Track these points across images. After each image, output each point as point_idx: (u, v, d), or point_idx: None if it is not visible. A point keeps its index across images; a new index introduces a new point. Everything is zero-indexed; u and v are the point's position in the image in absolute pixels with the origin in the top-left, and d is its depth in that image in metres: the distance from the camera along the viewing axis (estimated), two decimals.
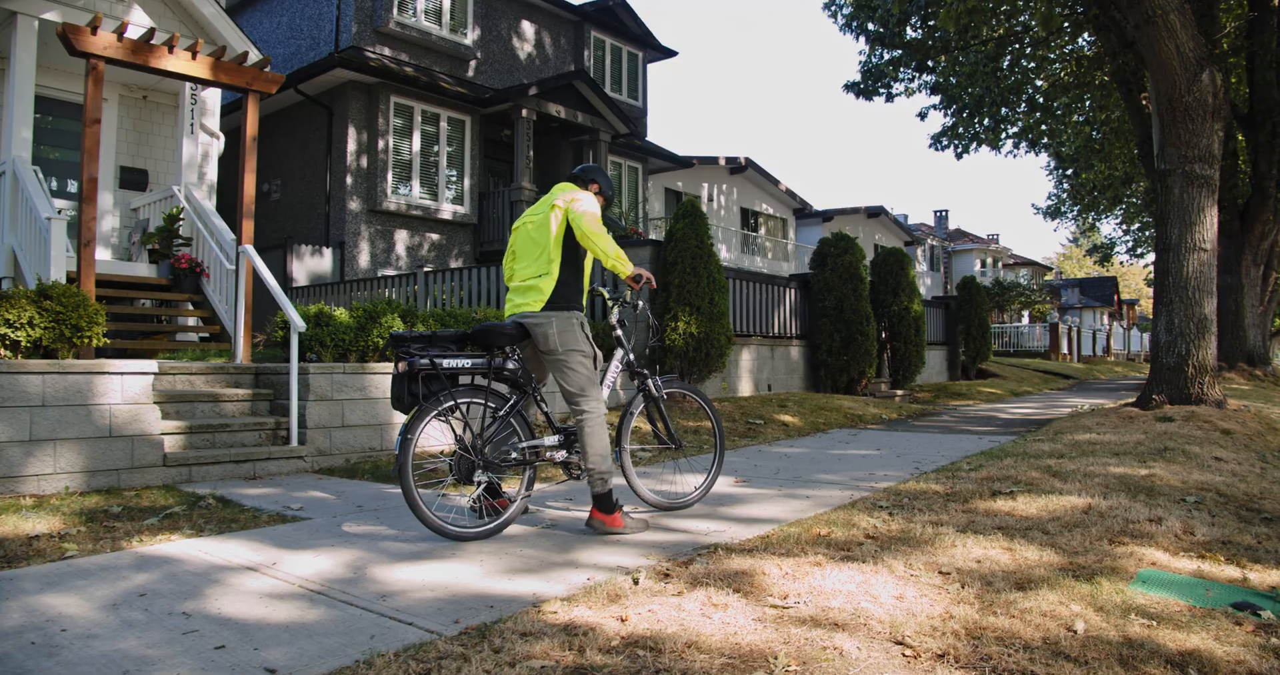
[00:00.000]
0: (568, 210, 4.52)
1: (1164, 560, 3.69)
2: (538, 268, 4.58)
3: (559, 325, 4.48)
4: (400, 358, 4.24)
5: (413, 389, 4.23)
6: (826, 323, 12.93)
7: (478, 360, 4.40)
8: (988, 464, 6.09)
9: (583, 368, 4.51)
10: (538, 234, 4.63)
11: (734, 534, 4.18)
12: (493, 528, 4.27)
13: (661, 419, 5.10)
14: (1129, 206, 31.93)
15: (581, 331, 4.54)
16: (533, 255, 4.63)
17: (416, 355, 4.22)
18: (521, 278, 4.67)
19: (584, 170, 4.96)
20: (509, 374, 4.51)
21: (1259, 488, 5.41)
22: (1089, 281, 62.95)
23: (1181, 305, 8.88)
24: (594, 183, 4.92)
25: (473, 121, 17.47)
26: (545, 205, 4.66)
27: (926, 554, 3.64)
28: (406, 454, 4.06)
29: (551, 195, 4.67)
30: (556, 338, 4.47)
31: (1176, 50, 8.71)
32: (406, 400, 4.24)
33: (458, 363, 4.31)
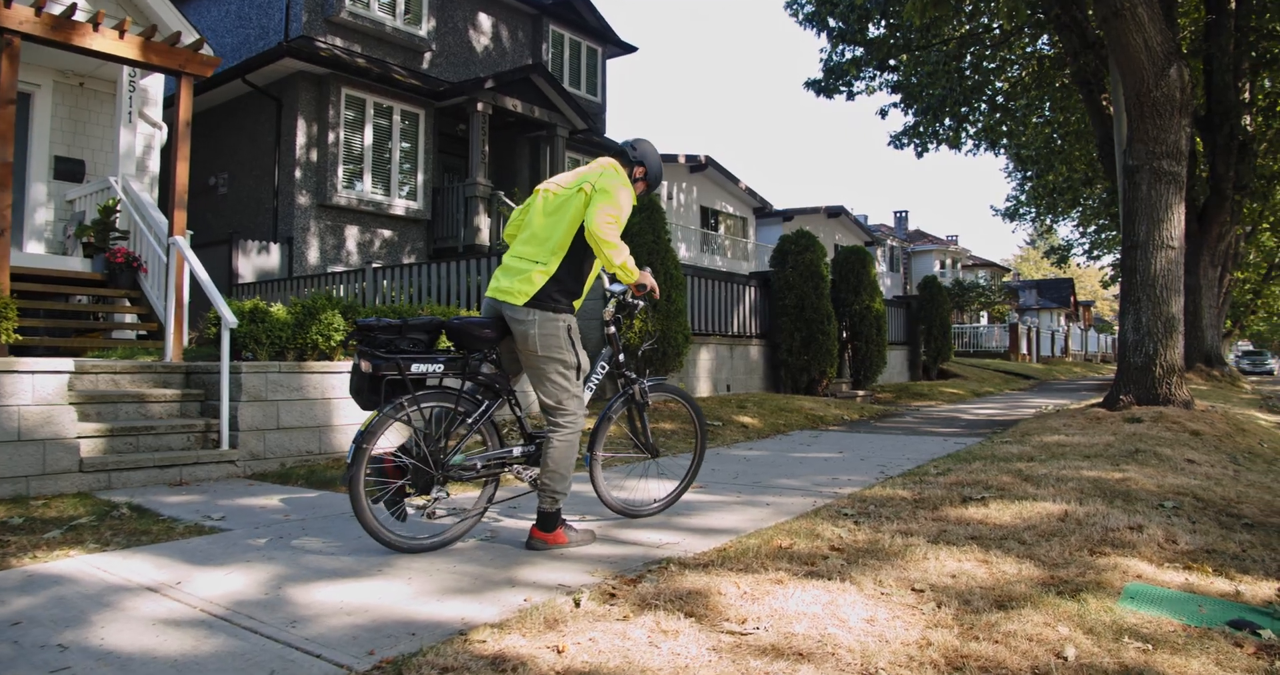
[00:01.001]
0: (590, 200, 3.96)
1: (1150, 572, 3.43)
2: (537, 252, 4.01)
3: (541, 328, 3.92)
4: (364, 355, 3.79)
5: (375, 387, 3.82)
6: (787, 322, 12.67)
7: (451, 363, 3.94)
8: (956, 468, 5.82)
9: (561, 378, 4.00)
10: (554, 211, 4.05)
11: (689, 546, 3.86)
12: (445, 539, 3.93)
13: (641, 425, 4.71)
14: (1086, 209, 32.14)
15: (567, 337, 3.99)
16: (540, 234, 4.04)
17: (382, 357, 3.77)
18: (517, 253, 4.08)
19: (635, 145, 4.37)
20: (483, 377, 4.06)
21: (1235, 491, 5.20)
22: (1046, 283, 63.57)
23: (1149, 304, 8.70)
24: (640, 165, 4.35)
25: (427, 115, 17.03)
26: (575, 183, 4.07)
27: (897, 568, 3.34)
28: (359, 465, 3.67)
29: (587, 172, 4.11)
30: (537, 340, 3.92)
31: (1144, 44, 8.53)
32: (367, 397, 3.84)
33: (428, 368, 3.87)
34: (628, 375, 4.65)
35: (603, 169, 4.12)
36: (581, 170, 4.19)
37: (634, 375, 4.67)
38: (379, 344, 3.84)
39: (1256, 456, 6.99)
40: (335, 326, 7.32)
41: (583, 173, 4.14)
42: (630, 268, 3.99)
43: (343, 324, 7.40)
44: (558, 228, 4.00)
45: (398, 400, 3.78)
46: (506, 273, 4.04)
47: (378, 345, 3.84)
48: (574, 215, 3.99)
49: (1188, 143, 8.98)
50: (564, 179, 4.18)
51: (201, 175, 17.20)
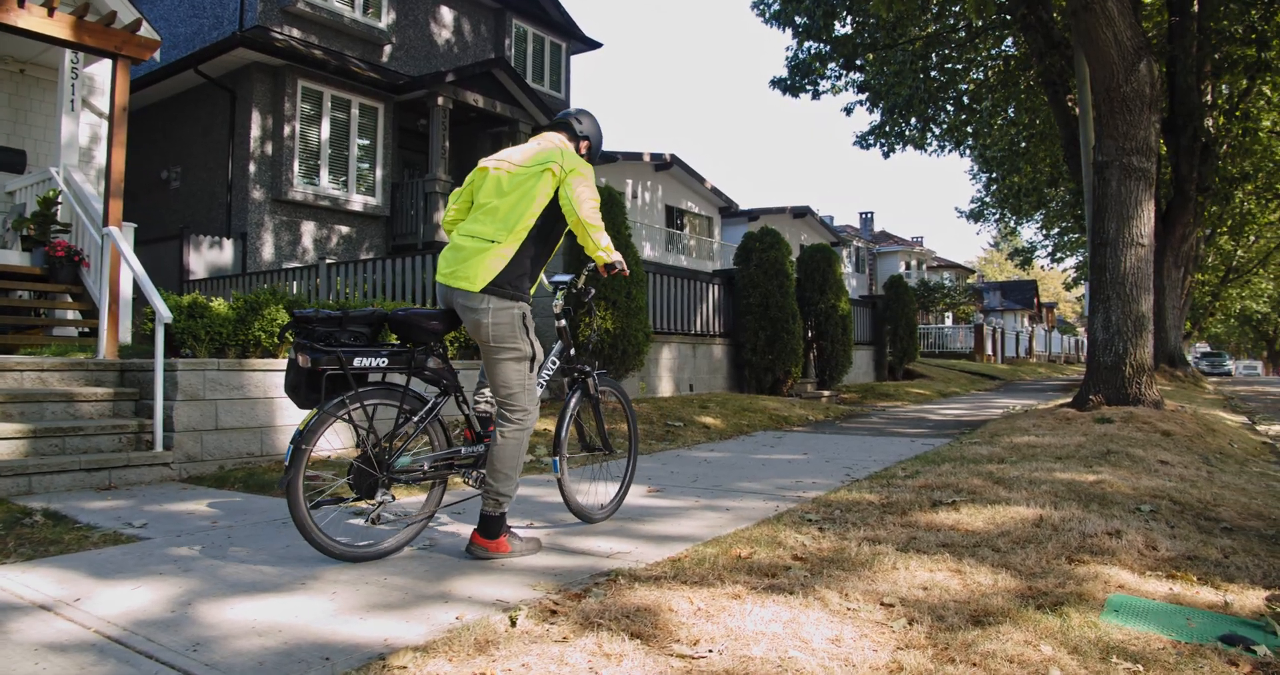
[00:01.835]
0: (563, 183, 3.72)
1: (1132, 582, 3.21)
2: (496, 231, 3.67)
3: (495, 317, 3.63)
4: (301, 348, 3.50)
5: (314, 384, 3.54)
6: (751, 320, 12.44)
7: (395, 356, 3.67)
8: (924, 470, 5.60)
9: (515, 371, 3.71)
10: (512, 190, 3.71)
11: (641, 555, 3.59)
12: (390, 547, 3.67)
13: (596, 420, 4.53)
14: (1049, 211, 32.27)
15: (522, 325, 3.70)
16: (500, 212, 3.69)
17: (321, 350, 3.50)
18: (470, 232, 3.73)
19: (579, 117, 4.12)
20: (430, 373, 3.79)
21: (1210, 494, 5.02)
22: (1010, 285, 64.00)
23: (1119, 302, 8.55)
24: (586, 140, 4.13)
25: (386, 109, 16.65)
26: (536, 162, 3.75)
27: (864, 580, 3.10)
28: (298, 467, 3.40)
29: (544, 152, 3.81)
30: (489, 330, 3.64)
31: (1114, 38, 8.38)
32: (304, 394, 3.56)
33: (371, 362, 3.59)
34: (582, 369, 4.45)
35: (561, 149, 3.85)
36: (533, 149, 3.88)
37: (588, 368, 4.46)
38: (318, 337, 3.56)
39: (1228, 457, 6.83)
40: (279, 322, 6.99)
41: (538, 152, 3.83)
42: (612, 249, 3.83)
43: (287, 320, 7.07)
44: (519, 207, 3.69)
45: (339, 397, 3.52)
46: (459, 254, 3.72)
47: (316, 338, 3.56)
48: (539, 197, 3.71)
49: (1157, 139, 8.85)
50: (515, 157, 3.86)
51: (153, 168, 16.73)
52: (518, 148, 3.96)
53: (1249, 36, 16.45)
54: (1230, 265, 46.30)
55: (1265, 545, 4.02)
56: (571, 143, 4.06)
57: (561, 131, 4.08)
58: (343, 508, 3.93)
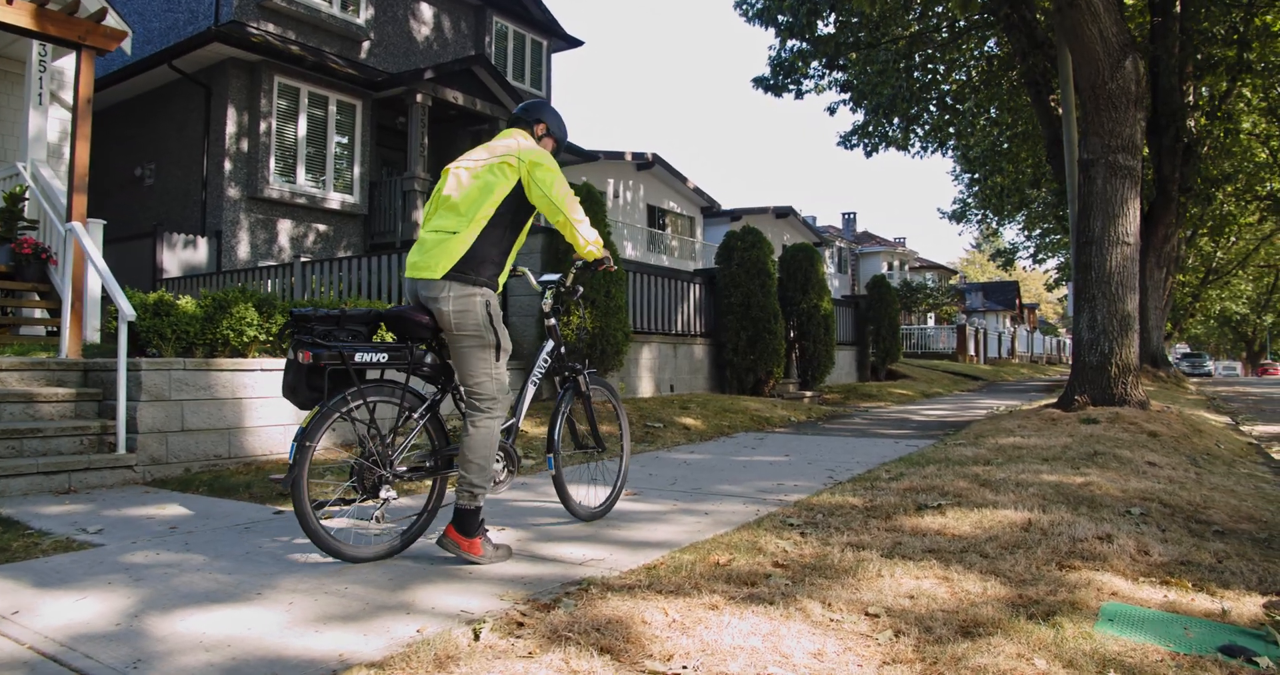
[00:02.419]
0: (530, 173, 3.70)
1: (1126, 589, 3.09)
2: (455, 223, 3.67)
3: (457, 303, 3.57)
4: (302, 345, 3.45)
5: (314, 382, 3.50)
6: (733, 320, 12.31)
7: (395, 353, 3.63)
8: (909, 472, 5.47)
9: (480, 360, 3.64)
10: (472, 183, 3.71)
11: (615, 563, 3.43)
12: (396, 546, 3.64)
13: (589, 419, 4.49)
14: (1031, 212, 32.30)
15: (485, 312, 3.62)
16: (460, 206, 3.69)
17: (323, 344, 3.45)
18: (433, 228, 3.73)
19: (527, 109, 4.11)
20: (428, 369, 3.76)
21: (1200, 496, 4.91)
22: (991, 286, 64.17)
23: (1105, 301, 8.45)
24: (541, 122, 4.09)
25: (364, 106, 16.44)
26: (496, 156, 3.75)
27: (848, 589, 2.96)
28: (303, 465, 3.36)
29: (506, 143, 3.82)
30: (451, 316, 3.58)
31: (1100, 35, 8.28)
32: (304, 394, 3.52)
33: (373, 357, 3.55)
34: (574, 367, 4.43)
35: (518, 142, 3.84)
36: (496, 145, 3.86)
37: (579, 366, 4.45)
38: (317, 335, 3.52)
39: (1215, 458, 6.74)
40: (248, 321, 6.81)
41: (500, 147, 3.82)
42: (599, 242, 3.92)
43: (256, 318, 6.89)
44: (481, 199, 3.67)
45: (342, 394, 3.48)
46: (421, 248, 3.71)
47: (315, 336, 3.51)
48: (499, 188, 3.68)
49: (1143, 137, 8.77)
50: (477, 154, 3.86)
51: (127, 165, 16.46)
52: (480, 147, 3.96)
53: (1230, 37, 16.46)
54: (1210, 266, 46.56)
55: (1258, 549, 3.91)
56: (531, 138, 4.01)
57: (519, 126, 4.06)
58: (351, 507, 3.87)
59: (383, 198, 16.57)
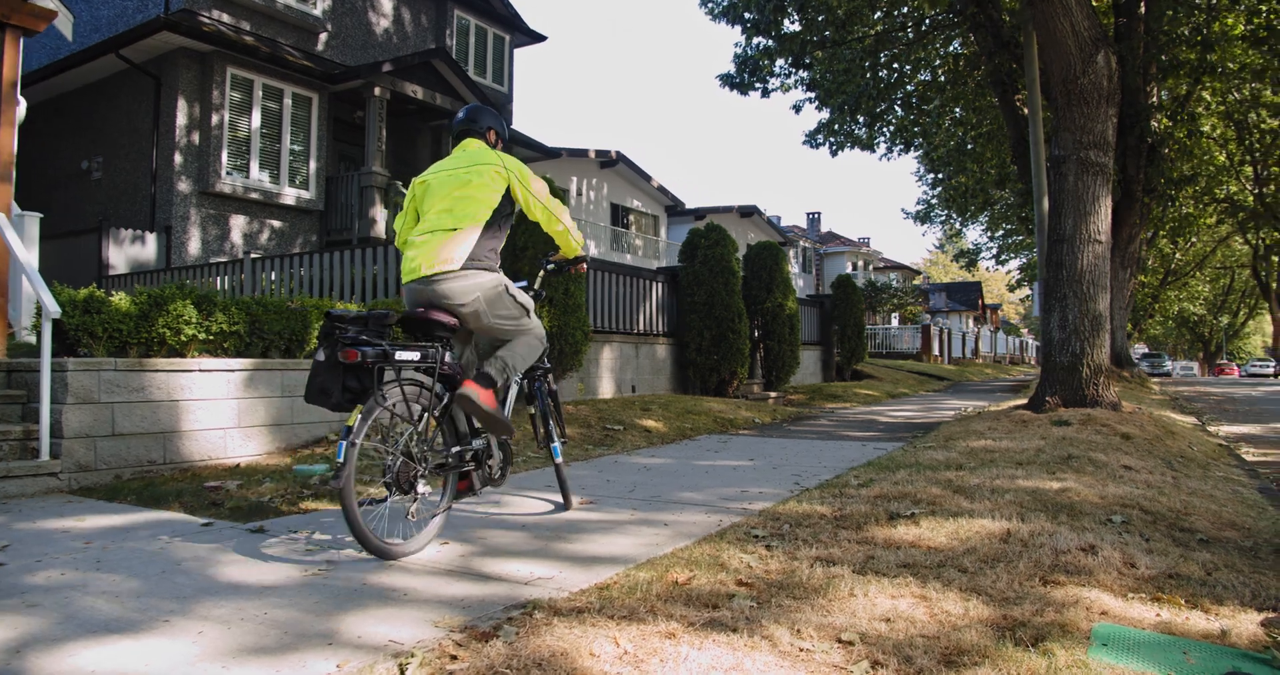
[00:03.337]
0: (522, 184, 4.02)
1: (1116, 608, 2.86)
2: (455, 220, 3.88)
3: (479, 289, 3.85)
4: (345, 344, 3.49)
5: (350, 383, 3.55)
6: (696, 319, 12.05)
7: (425, 352, 3.75)
8: (879, 478, 5.22)
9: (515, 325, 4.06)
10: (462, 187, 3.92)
11: (564, 582, 3.14)
12: (428, 539, 3.71)
13: (556, 412, 4.77)
14: (994, 213, 32.37)
15: (504, 289, 3.95)
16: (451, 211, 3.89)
17: (368, 342, 3.53)
18: (428, 228, 3.90)
19: (474, 119, 4.22)
20: (447, 367, 3.86)
21: (1180, 501, 4.71)
22: (955, 286, 64.56)
23: (1076, 301, 8.27)
24: (491, 129, 4.26)
25: (321, 99, 16.02)
26: (475, 162, 3.98)
27: (818, 611, 2.69)
28: (351, 464, 3.34)
29: (479, 154, 4.04)
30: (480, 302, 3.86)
31: (1072, 29, 8.12)
32: (338, 395, 3.53)
33: (410, 356, 3.66)
34: (543, 366, 4.62)
35: (494, 151, 4.11)
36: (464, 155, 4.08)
37: (548, 365, 4.64)
38: (347, 336, 3.55)
39: (1190, 461, 6.58)
40: (186, 318, 6.45)
41: (470, 155, 4.06)
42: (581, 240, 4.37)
43: (195, 316, 6.53)
44: (472, 205, 3.90)
45: (382, 391, 3.54)
46: (424, 250, 3.87)
47: (346, 337, 3.55)
48: (489, 197, 3.93)
49: (1114, 133, 8.61)
50: (448, 164, 4.08)
51: (73, 158, 15.93)
52: (445, 160, 4.14)
53: (1194, 39, 16.45)
54: (1169, 268, 47.11)
55: (1246, 559, 3.71)
56: (489, 146, 4.19)
57: (473, 136, 4.21)
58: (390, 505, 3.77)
59: (340, 194, 16.16)
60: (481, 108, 4.30)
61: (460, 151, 4.13)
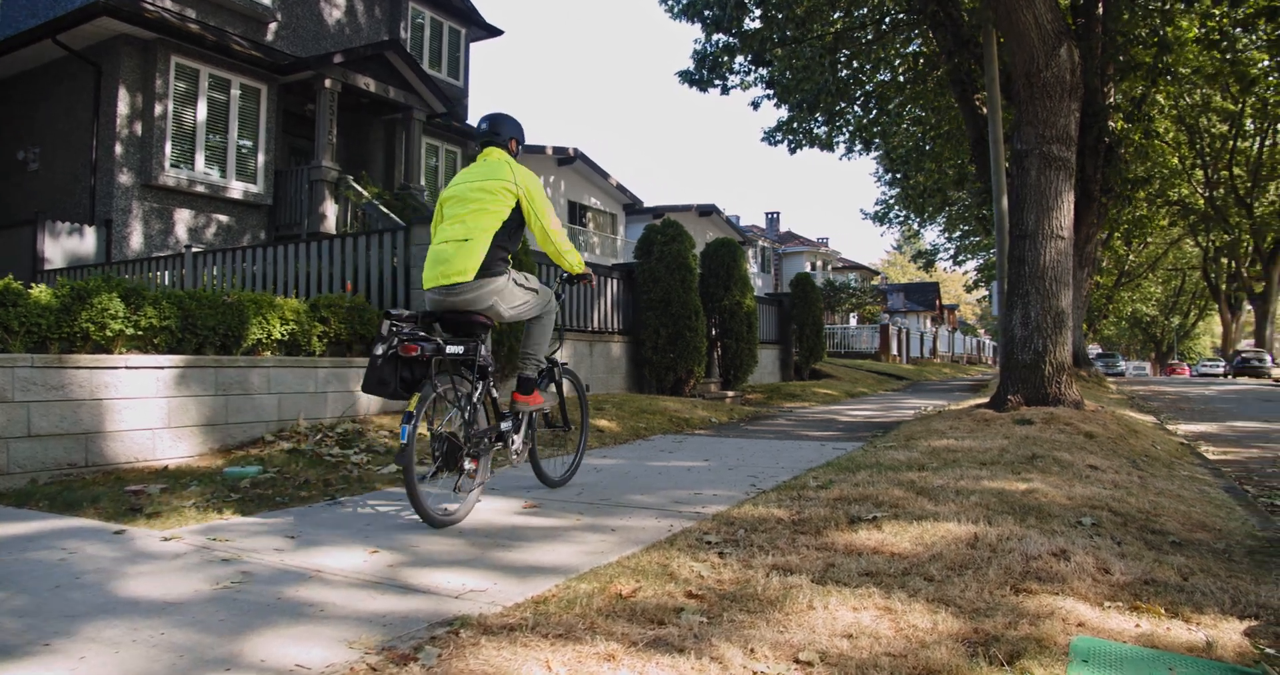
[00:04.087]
0: (529, 202, 4.46)
1: (1093, 618, 2.65)
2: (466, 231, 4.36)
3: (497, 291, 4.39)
4: (404, 339, 3.98)
5: (405, 374, 4.07)
6: (652, 317, 11.80)
7: (468, 346, 4.29)
8: (839, 479, 5.01)
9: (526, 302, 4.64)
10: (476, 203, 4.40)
11: (498, 594, 2.87)
12: (469, 510, 4.22)
13: (560, 402, 5.37)
14: (951, 214, 32.52)
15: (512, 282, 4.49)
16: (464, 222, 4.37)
17: (426, 338, 4.02)
18: (445, 238, 4.41)
19: (497, 130, 4.70)
20: (481, 359, 4.40)
21: (1148, 502, 4.55)
22: (912, 286, 64.98)
23: (1039, 297, 8.13)
24: (513, 139, 4.76)
25: (270, 91, 15.59)
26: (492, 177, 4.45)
27: (774, 626, 2.46)
28: (413, 444, 3.77)
29: (497, 169, 4.48)
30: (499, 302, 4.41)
31: (1035, 21, 7.98)
32: (395, 385, 4.04)
33: (457, 350, 4.20)
34: (552, 359, 5.08)
35: (511, 167, 4.50)
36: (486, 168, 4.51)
37: (556, 359, 5.10)
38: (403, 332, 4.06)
39: (1154, 460, 6.44)
40: (112, 313, 6.10)
41: (494, 171, 4.47)
42: (579, 256, 4.87)
43: (123, 310, 6.17)
44: (485, 218, 4.35)
45: (435, 379, 4.04)
46: (440, 259, 4.34)
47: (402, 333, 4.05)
48: (499, 210, 4.37)
49: (1077, 128, 8.49)
50: (469, 177, 4.52)
51: (8, 149, 15.36)
52: (468, 170, 4.61)
53: (1151, 40, 16.50)
54: (1123, 269, 47.72)
55: (1220, 562, 3.55)
56: (509, 154, 4.69)
57: (496, 145, 4.68)
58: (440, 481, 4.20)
59: (289, 188, 15.74)
60: (503, 117, 4.75)
61: (482, 161, 4.60)
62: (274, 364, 7.07)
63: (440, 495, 4.17)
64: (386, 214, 14.66)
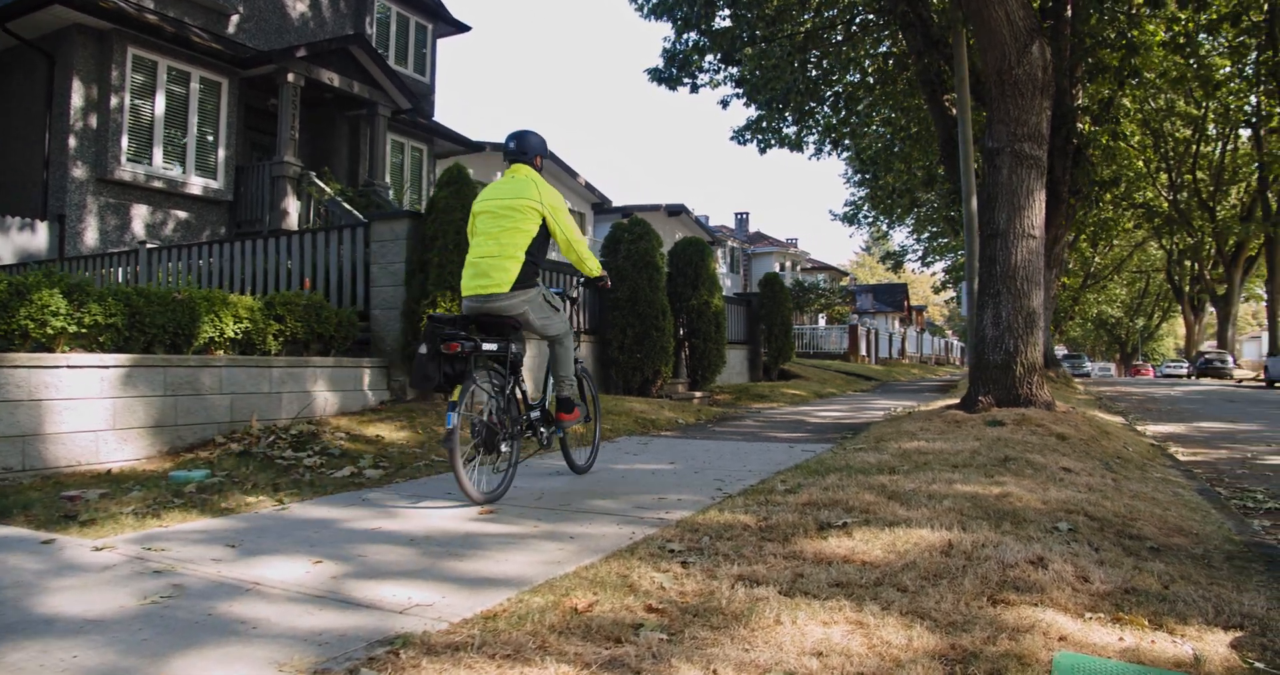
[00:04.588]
0: (554, 219, 4.98)
1: (1075, 631, 2.51)
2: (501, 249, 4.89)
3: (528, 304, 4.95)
4: (452, 339, 4.53)
5: (446, 369, 4.60)
6: (619, 316, 11.61)
7: (501, 344, 4.90)
8: (807, 483, 4.85)
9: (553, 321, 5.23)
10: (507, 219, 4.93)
11: (445, 609, 2.68)
12: (506, 487, 4.76)
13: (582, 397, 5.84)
14: (919, 216, 32.62)
15: (544, 298, 5.11)
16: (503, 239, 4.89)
17: (466, 337, 4.61)
18: (485, 254, 4.92)
19: (524, 149, 5.20)
20: (512, 355, 5.02)
21: (1124, 506, 4.44)
22: (881, 287, 65.18)
23: (1010, 297, 8.03)
24: (539, 156, 5.29)
25: (231, 85, 15.25)
26: (520, 196, 4.95)
27: (739, 644, 2.29)
28: (457, 428, 4.30)
29: (524, 188, 4.97)
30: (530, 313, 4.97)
31: (1007, 18, 7.88)
32: (439, 379, 4.58)
33: (492, 347, 4.82)
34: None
35: (538, 184, 5.03)
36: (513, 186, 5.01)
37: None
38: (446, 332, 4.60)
39: (1127, 462, 6.35)
40: (53, 309, 5.84)
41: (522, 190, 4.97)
42: (598, 263, 5.47)
43: (65, 307, 5.92)
44: (517, 236, 4.90)
45: (476, 373, 4.64)
46: (479, 272, 4.90)
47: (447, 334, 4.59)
48: (528, 228, 4.93)
49: (1049, 127, 8.40)
50: (499, 194, 5.03)
51: None
52: (497, 186, 5.12)
53: (1119, 42, 16.54)
54: (1089, 271, 48.16)
55: (1200, 568, 3.43)
56: (535, 170, 5.20)
57: (521, 161, 5.19)
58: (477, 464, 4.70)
59: (250, 184, 15.41)
60: (529, 135, 5.25)
61: (509, 178, 5.10)
62: (226, 363, 6.84)
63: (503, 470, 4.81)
64: (350, 211, 14.37)
